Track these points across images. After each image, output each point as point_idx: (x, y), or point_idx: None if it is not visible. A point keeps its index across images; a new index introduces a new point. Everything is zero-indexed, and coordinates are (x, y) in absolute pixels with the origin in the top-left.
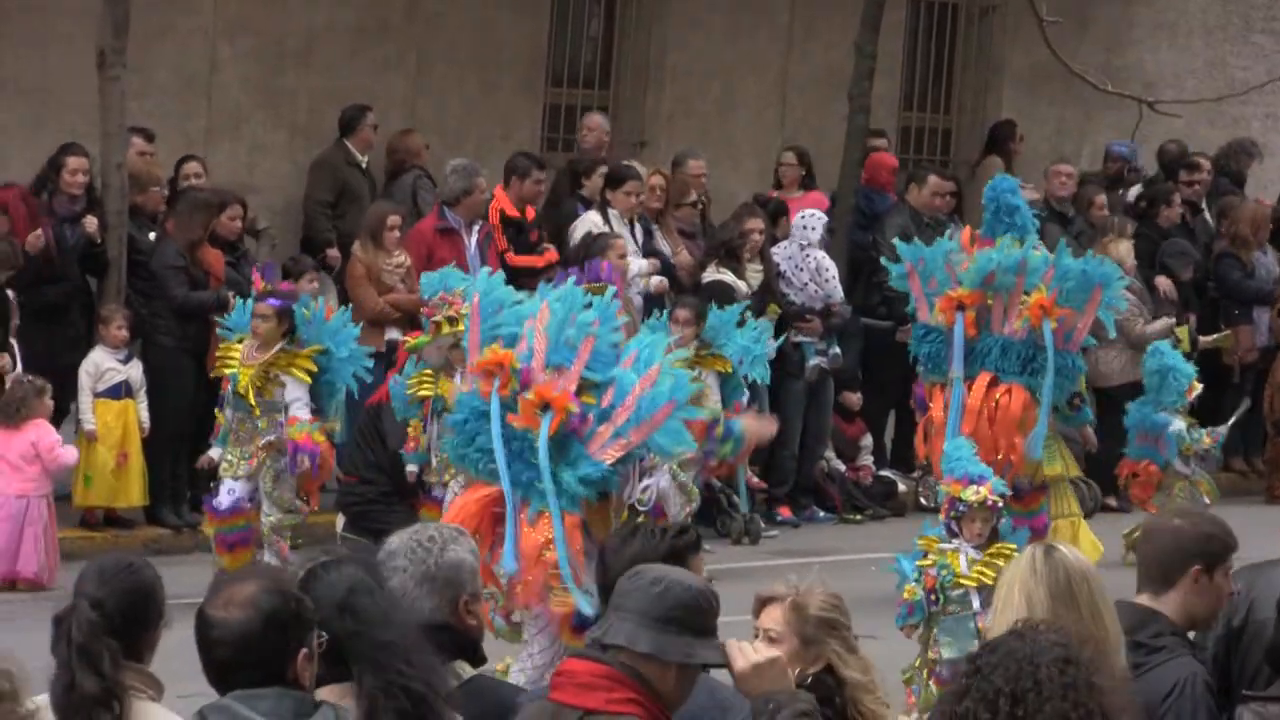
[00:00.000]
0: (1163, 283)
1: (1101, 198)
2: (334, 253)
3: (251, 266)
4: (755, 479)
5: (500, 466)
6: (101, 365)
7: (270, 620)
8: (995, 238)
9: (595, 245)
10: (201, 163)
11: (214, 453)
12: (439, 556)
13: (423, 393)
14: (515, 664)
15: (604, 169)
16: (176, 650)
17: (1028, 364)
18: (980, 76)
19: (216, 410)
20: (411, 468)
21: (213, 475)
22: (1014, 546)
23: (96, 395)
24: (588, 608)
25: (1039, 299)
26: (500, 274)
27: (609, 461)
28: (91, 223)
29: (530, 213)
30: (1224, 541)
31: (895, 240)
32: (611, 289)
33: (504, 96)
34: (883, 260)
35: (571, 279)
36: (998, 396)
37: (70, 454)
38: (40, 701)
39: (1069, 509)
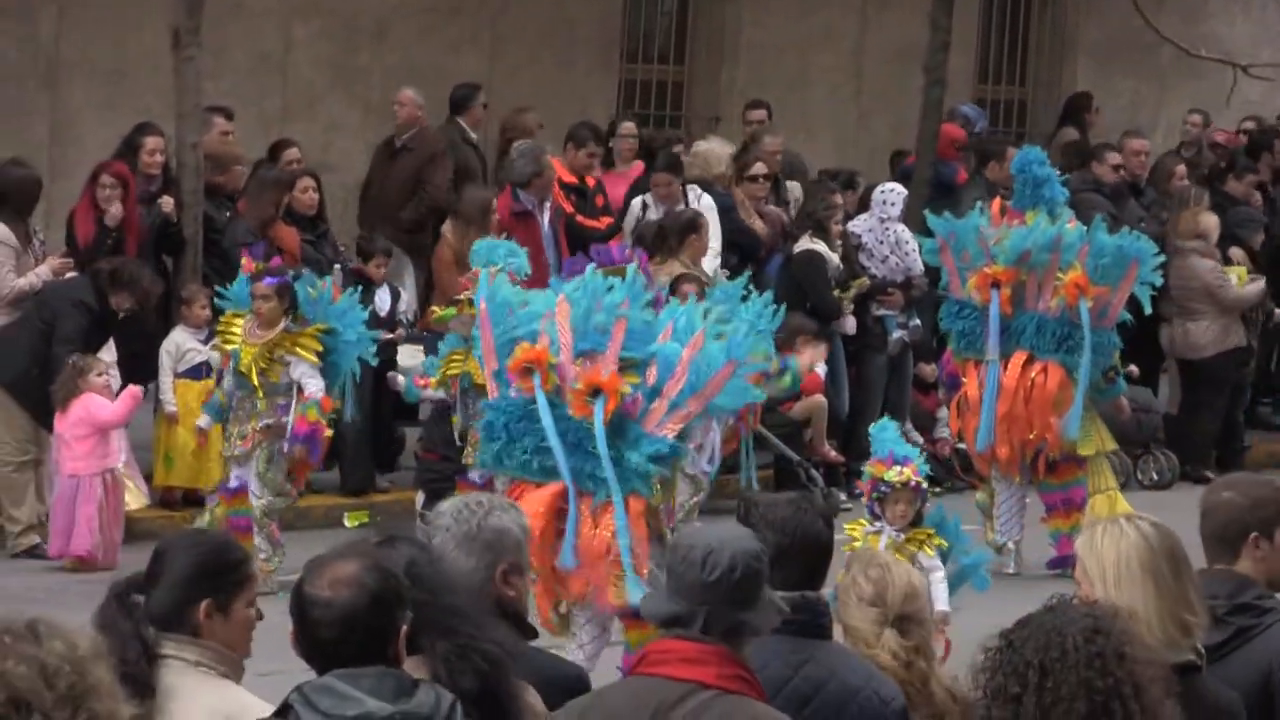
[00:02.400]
0: (1236, 253)
1: (1181, 168)
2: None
3: (242, 248)
4: (833, 453)
5: (560, 461)
6: (182, 346)
7: (376, 599)
8: (1025, 210)
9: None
10: (299, 147)
11: (202, 421)
12: (483, 519)
13: (451, 371)
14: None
15: (678, 145)
16: (259, 627)
17: (1063, 342)
18: (1055, 49)
19: (212, 383)
20: (400, 379)
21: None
22: (930, 530)
23: (177, 376)
24: (639, 594)
25: (1075, 277)
26: (502, 277)
27: (671, 435)
28: (168, 202)
29: (590, 179)
30: (1275, 503)
31: (926, 213)
32: (633, 266)
33: (578, 73)
34: (915, 235)
35: (591, 267)
36: (1034, 375)
37: (120, 406)
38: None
39: (1107, 484)
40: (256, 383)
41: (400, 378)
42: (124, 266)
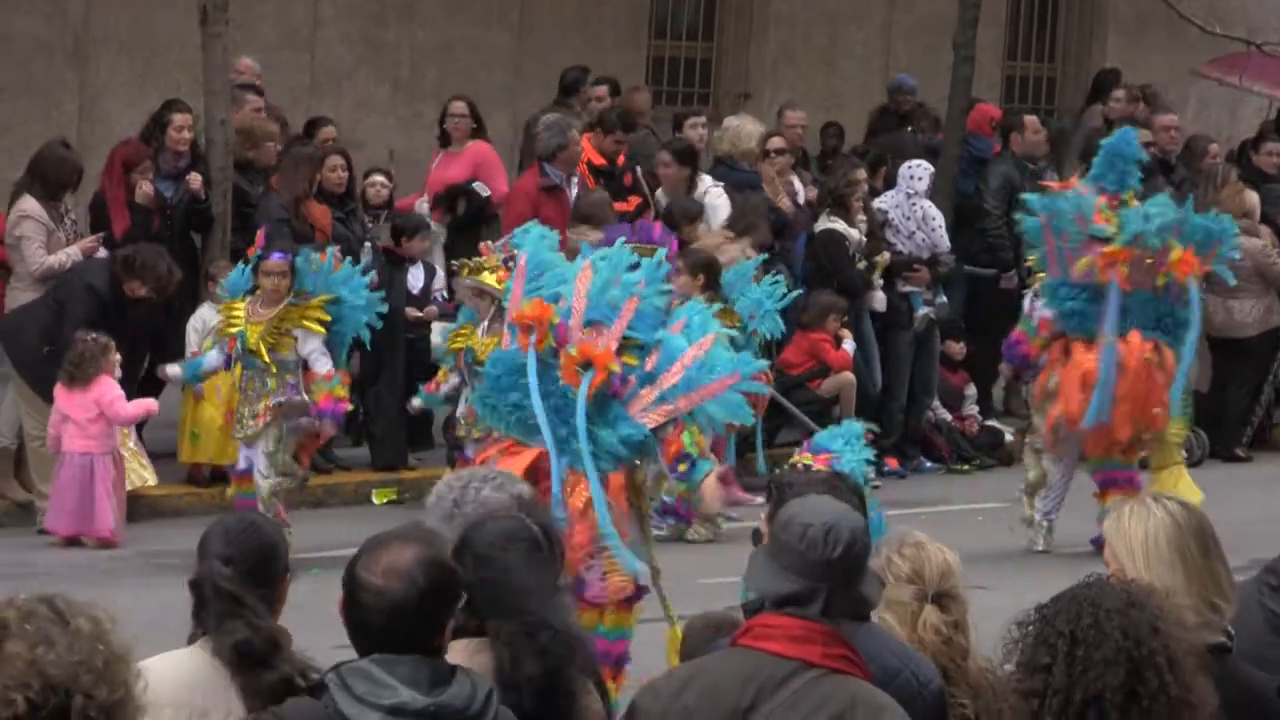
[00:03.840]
0: (1265, 231)
1: (1214, 146)
2: None
3: (259, 229)
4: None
5: (540, 419)
6: (209, 322)
7: (427, 595)
8: (1119, 191)
9: (684, 213)
10: (335, 125)
11: (172, 369)
12: (466, 494)
13: (456, 345)
14: None
15: (696, 119)
16: (290, 604)
17: (1161, 320)
18: (1084, 24)
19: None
20: (416, 402)
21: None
22: None
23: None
24: (634, 566)
25: (1183, 256)
26: (553, 235)
27: (650, 426)
28: (195, 179)
29: (620, 159)
30: None
31: (1028, 198)
32: (662, 251)
33: (607, 49)
34: (1017, 215)
35: (621, 239)
36: (1148, 354)
37: (136, 407)
38: (149, 664)
39: (1173, 458)
40: (267, 359)
41: (416, 401)
42: (139, 254)
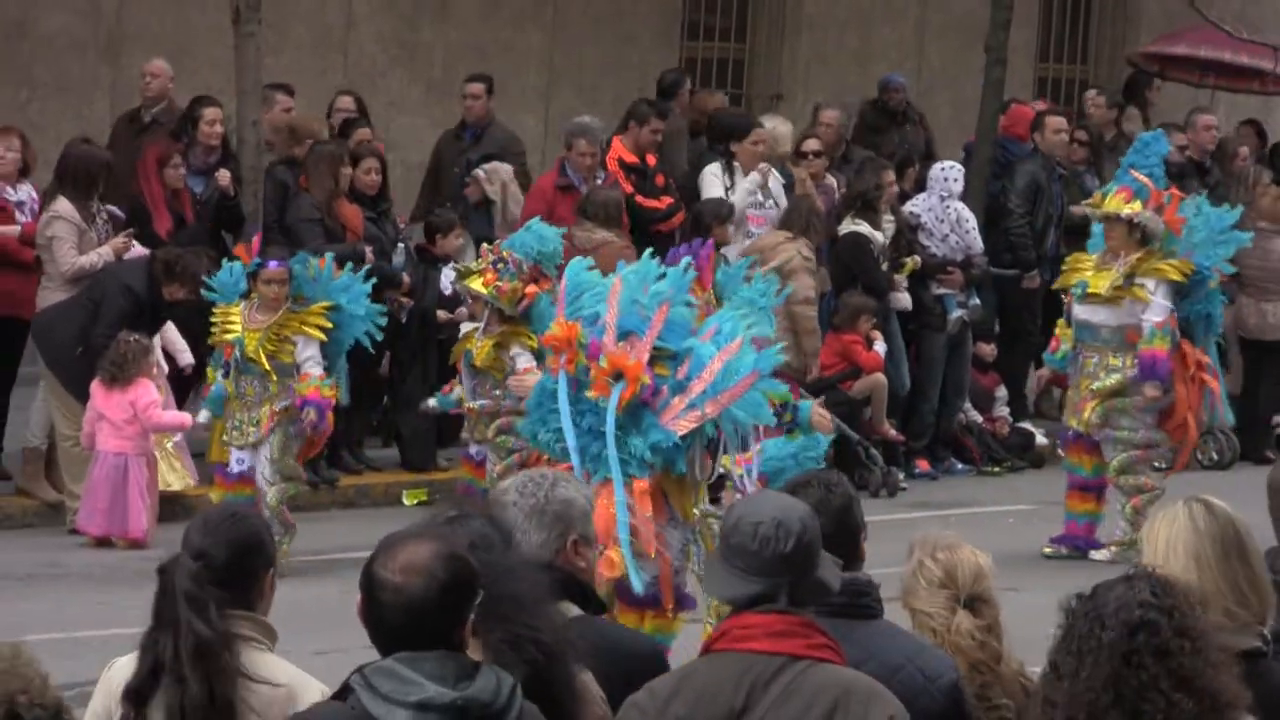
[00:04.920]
0: None
1: (1245, 149)
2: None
3: (254, 237)
4: (894, 432)
5: (569, 439)
6: None
7: (447, 590)
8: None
9: (714, 213)
10: (371, 128)
11: (202, 416)
12: (550, 492)
13: (461, 346)
14: None
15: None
16: (311, 606)
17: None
18: (1117, 26)
19: (210, 370)
20: (432, 403)
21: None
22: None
23: None
24: (636, 580)
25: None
26: (588, 260)
27: (680, 433)
28: (224, 176)
29: (651, 159)
30: None
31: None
32: (685, 260)
33: (640, 49)
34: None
35: (649, 252)
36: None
37: (171, 418)
38: (123, 661)
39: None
40: (267, 366)
41: (431, 401)
42: (182, 259)
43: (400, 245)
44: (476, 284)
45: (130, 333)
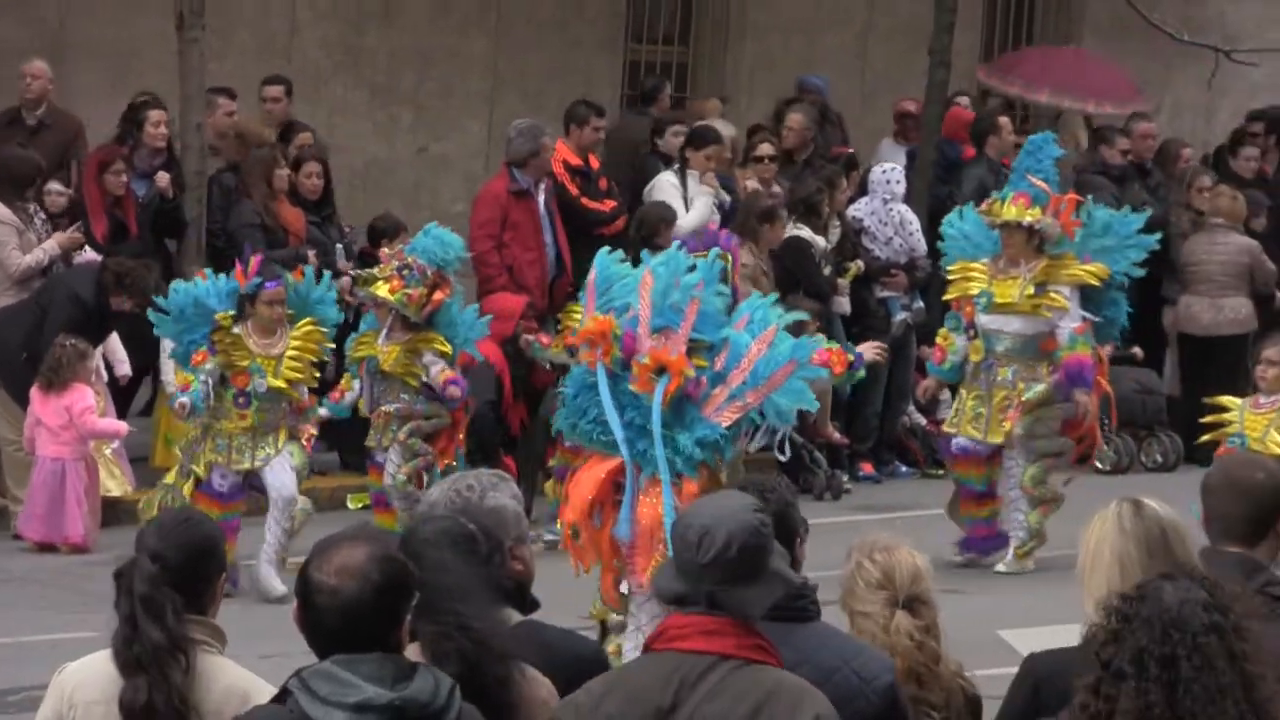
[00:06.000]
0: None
1: (1187, 150)
2: None
3: (253, 258)
4: (837, 435)
5: (616, 433)
6: None
7: (382, 591)
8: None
9: (659, 217)
10: (312, 131)
11: (184, 398)
12: (479, 504)
13: (359, 353)
14: (627, 642)
15: (678, 126)
16: (258, 610)
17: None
18: (1060, 29)
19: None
20: (323, 412)
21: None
22: None
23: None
24: None
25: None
26: (617, 252)
27: (725, 425)
28: (163, 178)
29: (594, 161)
30: None
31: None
32: (714, 250)
33: (585, 54)
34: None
35: (677, 244)
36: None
37: (107, 425)
38: (82, 663)
39: None
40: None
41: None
42: (131, 272)
43: (339, 248)
44: (383, 291)
45: (67, 337)
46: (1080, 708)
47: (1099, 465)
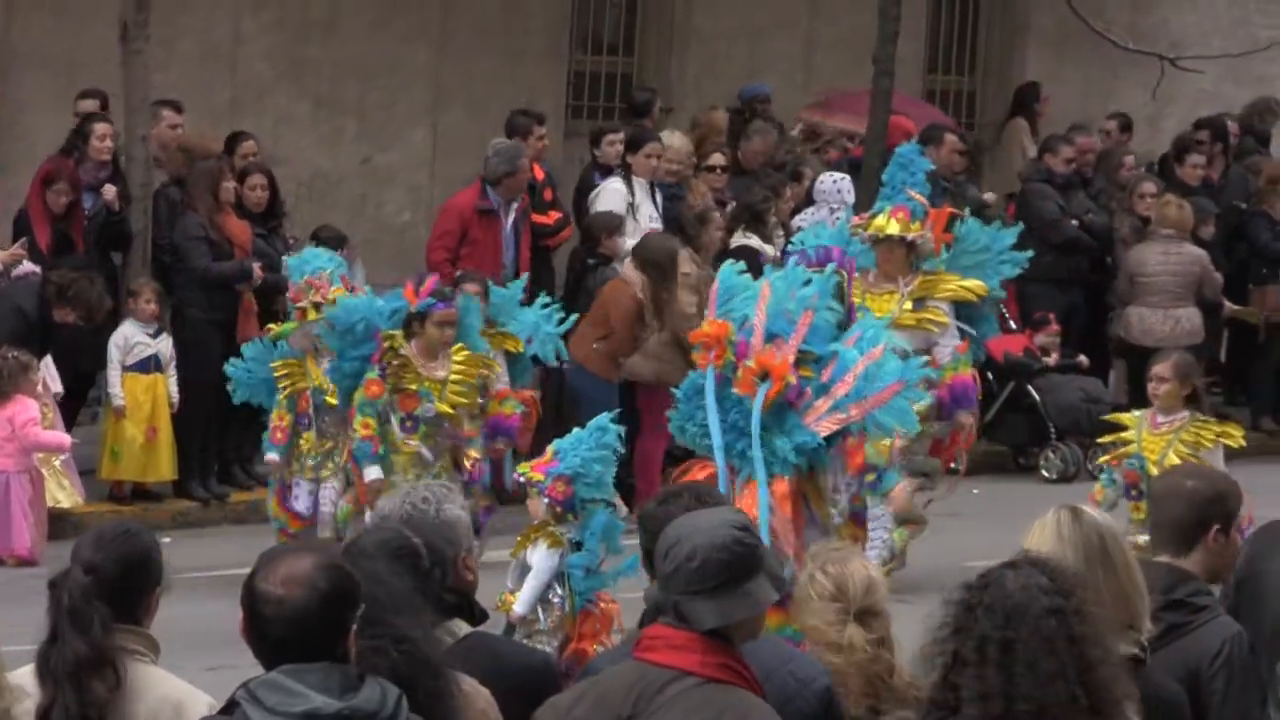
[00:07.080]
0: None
1: (1130, 158)
2: None
3: (427, 280)
4: None
5: (714, 434)
6: (131, 339)
7: (328, 600)
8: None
9: (603, 226)
10: (256, 140)
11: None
12: (435, 517)
13: (300, 385)
14: None
15: (613, 135)
16: (203, 623)
17: None
18: (1005, 38)
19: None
20: (272, 456)
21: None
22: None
23: (125, 369)
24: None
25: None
26: (740, 264)
27: (824, 434)
28: (109, 190)
29: (539, 172)
30: (1237, 498)
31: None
32: (830, 266)
33: (528, 64)
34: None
35: (793, 259)
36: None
37: (50, 437)
38: (24, 672)
39: None
40: (473, 410)
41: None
42: (74, 284)
43: (285, 260)
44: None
45: (10, 349)
46: (931, 703)
47: (1045, 474)
